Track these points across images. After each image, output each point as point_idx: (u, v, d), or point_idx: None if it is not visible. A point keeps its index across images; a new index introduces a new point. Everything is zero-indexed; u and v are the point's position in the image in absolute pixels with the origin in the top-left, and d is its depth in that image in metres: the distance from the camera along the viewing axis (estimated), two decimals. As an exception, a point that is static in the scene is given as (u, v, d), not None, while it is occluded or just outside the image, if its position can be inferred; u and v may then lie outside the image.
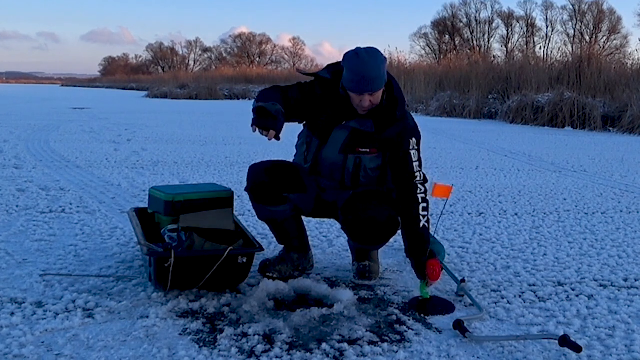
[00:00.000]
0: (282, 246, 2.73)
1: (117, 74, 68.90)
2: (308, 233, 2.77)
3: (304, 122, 2.59)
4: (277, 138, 2.27)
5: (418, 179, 2.43)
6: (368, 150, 2.44)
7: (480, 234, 3.47)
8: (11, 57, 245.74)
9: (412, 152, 2.44)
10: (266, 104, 2.29)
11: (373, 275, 2.62)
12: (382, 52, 2.37)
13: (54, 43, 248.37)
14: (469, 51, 26.97)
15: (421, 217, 2.39)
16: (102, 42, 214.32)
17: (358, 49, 2.37)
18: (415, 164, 2.44)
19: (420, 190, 2.42)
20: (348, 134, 2.44)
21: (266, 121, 2.25)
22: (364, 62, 2.31)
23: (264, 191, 2.50)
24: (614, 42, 47.11)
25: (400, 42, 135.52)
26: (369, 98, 2.34)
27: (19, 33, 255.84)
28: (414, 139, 2.45)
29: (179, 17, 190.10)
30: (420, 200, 2.40)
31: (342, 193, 2.54)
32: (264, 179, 2.48)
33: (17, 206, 3.87)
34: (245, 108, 18.51)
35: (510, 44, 50.66)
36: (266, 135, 2.25)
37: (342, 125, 2.45)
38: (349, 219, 2.44)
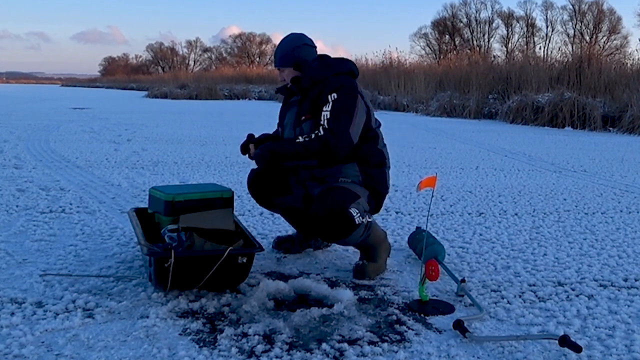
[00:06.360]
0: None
1: (117, 74, 68.89)
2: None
3: None
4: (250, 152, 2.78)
5: (321, 127, 2.51)
6: (304, 117, 2.63)
7: (480, 234, 3.47)
8: (8, 57, 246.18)
9: (326, 106, 2.54)
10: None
11: (367, 274, 2.61)
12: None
13: (45, 42, 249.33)
14: (469, 51, 26.95)
15: (299, 138, 2.53)
16: (93, 41, 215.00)
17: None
18: (325, 114, 2.52)
19: (318, 132, 2.51)
20: (295, 110, 2.70)
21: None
22: (279, 42, 2.74)
23: (256, 198, 2.86)
24: (614, 42, 47.14)
25: (400, 42, 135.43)
26: (281, 74, 2.72)
27: (8, 32, 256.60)
28: (333, 94, 2.56)
29: (170, 17, 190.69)
30: (308, 135, 2.54)
31: (320, 187, 2.63)
32: (251, 190, 2.83)
33: (17, 206, 3.87)
34: (245, 108, 18.52)
35: (510, 44, 50.69)
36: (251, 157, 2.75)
37: (287, 106, 2.77)
38: (309, 213, 2.60)
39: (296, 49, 2.66)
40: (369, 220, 2.55)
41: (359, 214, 2.47)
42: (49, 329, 2.00)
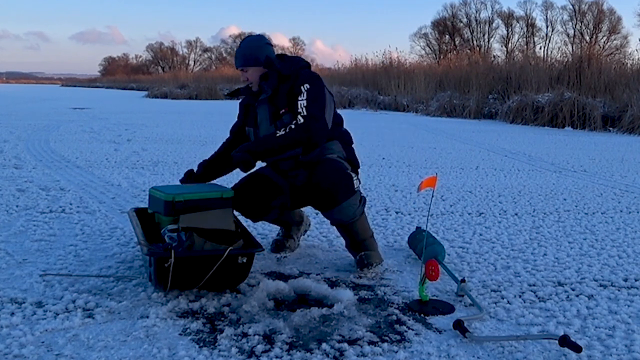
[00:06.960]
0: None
1: (117, 74, 68.84)
2: (308, 233, 2.89)
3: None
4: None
5: (300, 115, 2.55)
6: (283, 110, 2.65)
7: (480, 234, 3.47)
8: (7, 57, 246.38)
9: (301, 96, 2.59)
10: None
11: (372, 260, 2.68)
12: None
13: (44, 42, 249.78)
14: (469, 51, 26.94)
15: (279, 131, 2.55)
16: (92, 41, 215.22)
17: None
18: (302, 103, 2.57)
19: (298, 120, 2.55)
20: (267, 106, 2.71)
21: None
22: (240, 44, 2.79)
23: (246, 212, 2.79)
24: (614, 42, 47.08)
25: (400, 42, 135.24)
26: (244, 74, 2.74)
27: (8, 32, 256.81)
28: (306, 85, 2.62)
29: (169, 17, 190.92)
30: (287, 125, 2.56)
31: (305, 173, 2.67)
32: (242, 207, 2.74)
33: (17, 206, 3.87)
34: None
35: (510, 44, 50.64)
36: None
37: (257, 104, 2.75)
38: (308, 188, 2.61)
39: (262, 48, 2.72)
40: (362, 195, 2.70)
41: (356, 179, 2.64)
42: (49, 329, 2.00)
